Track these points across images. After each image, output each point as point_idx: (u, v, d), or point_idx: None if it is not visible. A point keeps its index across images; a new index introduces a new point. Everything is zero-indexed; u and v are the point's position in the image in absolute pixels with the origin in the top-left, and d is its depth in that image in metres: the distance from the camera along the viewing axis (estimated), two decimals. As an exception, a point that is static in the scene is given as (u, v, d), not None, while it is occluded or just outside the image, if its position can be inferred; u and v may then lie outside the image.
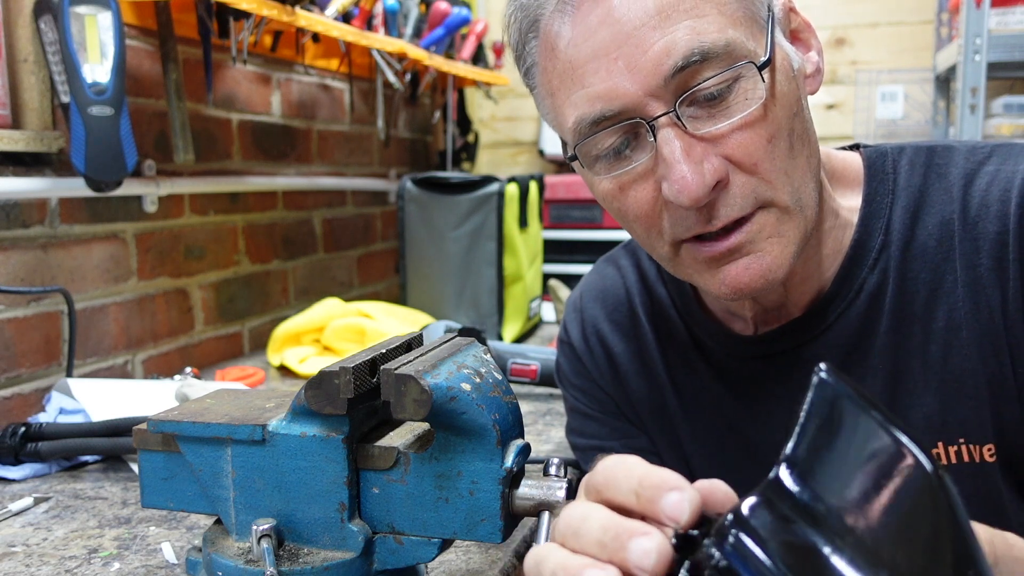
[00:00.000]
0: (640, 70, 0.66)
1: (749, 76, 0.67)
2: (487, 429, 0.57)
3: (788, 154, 0.69)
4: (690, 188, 0.66)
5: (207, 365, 1.68)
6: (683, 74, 0.66)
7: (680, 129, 0.67)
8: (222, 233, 1.76)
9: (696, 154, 0.66)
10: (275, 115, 1.94)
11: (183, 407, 0.67)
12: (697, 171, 0.66)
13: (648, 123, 0.67)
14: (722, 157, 0.67)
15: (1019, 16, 2.21)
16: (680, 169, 0.66)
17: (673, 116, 0.66)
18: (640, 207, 0.71)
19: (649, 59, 0.66)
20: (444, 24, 2.10)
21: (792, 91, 0.70)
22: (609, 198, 0.74)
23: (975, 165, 0.76)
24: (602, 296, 0.95)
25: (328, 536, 0.60)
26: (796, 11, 0.75)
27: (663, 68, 0.65)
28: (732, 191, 0.68)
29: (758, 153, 0.67)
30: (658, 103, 0.67)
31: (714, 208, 0.68)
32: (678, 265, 0.74)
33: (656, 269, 0.91)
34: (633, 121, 0.68)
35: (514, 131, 3.08)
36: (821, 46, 0.76)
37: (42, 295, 1.31)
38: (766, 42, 0.68)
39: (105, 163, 1.26)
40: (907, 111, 2.69)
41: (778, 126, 0.68)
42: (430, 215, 1.87)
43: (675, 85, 0.66)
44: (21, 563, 0.82)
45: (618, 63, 0.67)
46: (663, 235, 0.72)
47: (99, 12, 1.24)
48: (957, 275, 0.74)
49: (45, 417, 1.18)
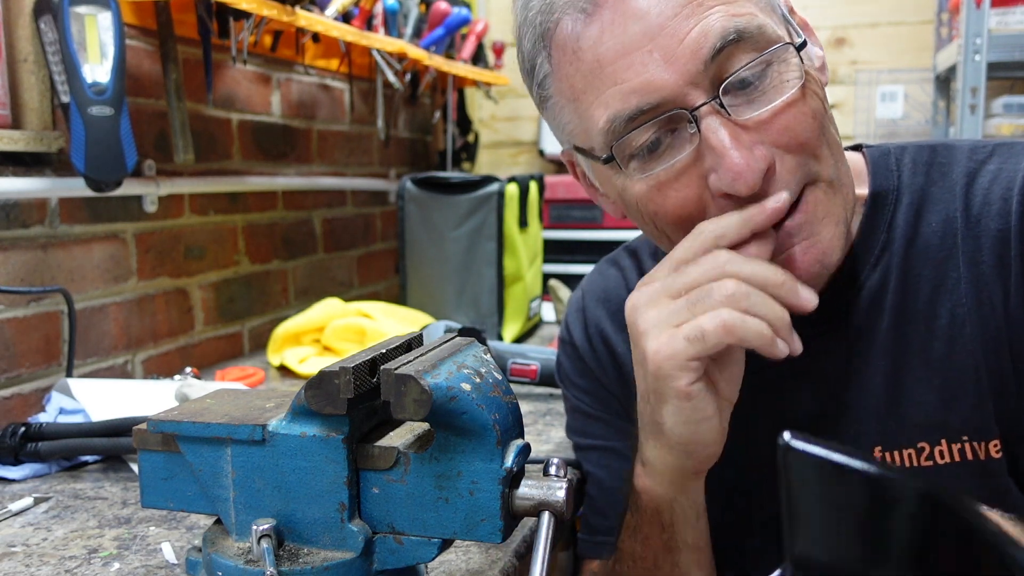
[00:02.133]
0: (678, 59, 0.65)
1: (782, 60, 0.67)
2: (487, 429, 0.57)
3: (830, 130, 0.70)
4: (745, 174, 0.65)
5: (207, 365, 1.68)
6: (721, 57, 0.65)
7: (724, 116, 0.66)
8: (222, 233, 1.76)
9: (744, 140, 0.66)
10: (275, 115, 1.94)
11: (183, 407, 0.67)
12: (749, 156, 0.65)
13: (691, 113, 0.66)
14: (767, 143, 0.67)
15: (1019, 16, 2.21)
16: (733, 155, 0.65)
17: (716, 104, 0.66)
18: (683, 206, 0.70)
19: (687, 46, 0.65)
20: (444, 24, 2.10)
21: (819, 77, 0.71)
22: (644, 201, 0.72)
23: (977, 164, 0.76)
24: (604, 296, 0.94)
25: (328, 536, 0.60)
26: (794, 10, 0.76)
27: (702, 52, 0.65)
28: (781, 174, 0.68)
29: (806, 132, 0.67)
30: (698, 91, 0.66)
31: (765, 196, 0.67)
32: None
33: None
34: (674, 112, 0.67)
35: (514, 131, 3.07)
36: (821, 44, 0.77)
37: (42, 295, 1.31)
38: (789, 30, 0.70)
39: (105, 163, 1.26)
40: (907, 111, 2.69)
41: (818, 104, 0.69)
42: (430, 215, 1.87)
43: (714, 71, 0.66)
44: (21, 563, 0.82)
45: (653, 55, 0.66)
46: None
47: (99, 12, 1.24)
48: (960, 272, 0.74)
49: (45, 417, 1.18)
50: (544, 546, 0.57)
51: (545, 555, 0.57)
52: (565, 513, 0.58)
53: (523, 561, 0.85)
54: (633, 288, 0.93)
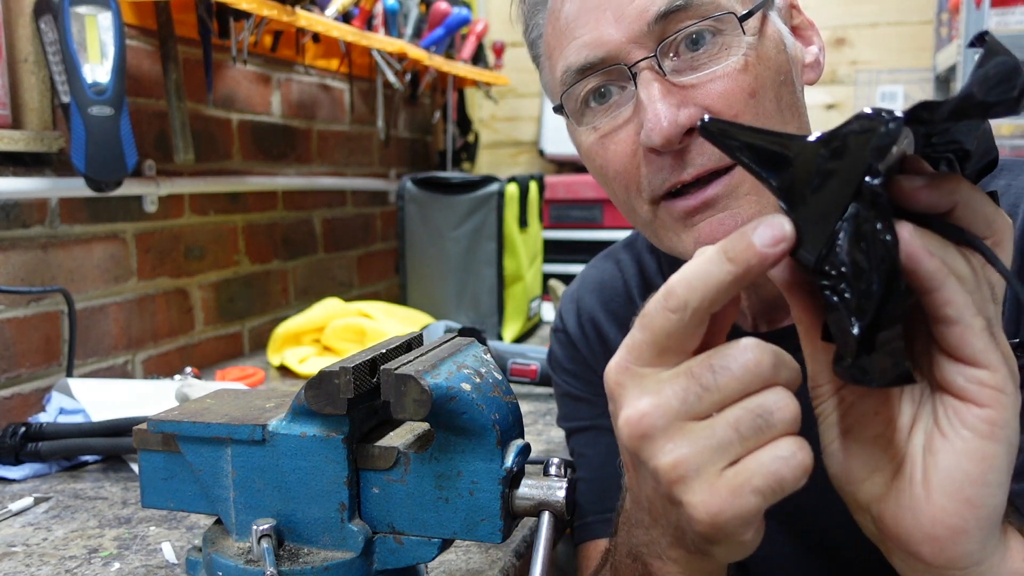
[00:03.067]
0: (625, 18, 0.69)
1: (731, 32, 0.69)
2: (487, 429, 0.57)
3: (776, 115, 0.70)
4: (662, 126, 0.67)
5: (207, 365, 1.68)
6: (666, 21, 0.68)
7: (658, 74, 0.69)
8: (222, 233, 1.76)
9: (673, 99, 0.68)
10: (275, 115, 1.94)
11: (183, 407, 0.67)
12: (671, 112, 0.67)
13: (629, 69, 0.69)
14: (701, 107, 0.68)
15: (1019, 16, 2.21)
16: (655, 107, 0.68)
17: (653, 61, 0.69)
18: (620, 160, 0.72)
19: (635, 7, 0.69)
20: (444, 24, 2.10)
21: (780, 60, 0.72)
22: (592, 154, 0.75)
23: (987, 180, 0.76)
24: (599, 288, 0.96)
25: (328, 536, 0.60)
26: (799, 9, 0.77)
27: (647, 15, 0.68)
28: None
29: (739, 104, 0.68)
30: (640, 50, 0.69)
31: (688, 154, 0.69)
32: (659, 228, 0.74)
33: (657, 263, 0.92)
34: (616, 67, 0.70)
35: (514, 131, 3.07)
36: (824, 45, 0.78)
37: (42, 295, 1.31)
38: (754, 6, 0.70)
39: (105, 163, 1.26)
40: (907, 111, 2.68)
41: (763, 84, 0.69)
42: (430, 215, 1.87)
43: (657, 32, 0.69)
44: (21, 563, 0.82)
45: (606, 13, 0.70)
46: (642, 193, 0.73)
47: (99, 12, 1.24)
48: None
49: (45, 417, 1.18)
50: (544, 546, 0.57)
51: (545, 555, 0.57)
52: (565, 513, 0.58)
53: (523, 561, 0.85)
54: (630, 280, 0.94)
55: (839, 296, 0.40)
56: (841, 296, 0.40)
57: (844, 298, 0.40)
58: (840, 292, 0.40)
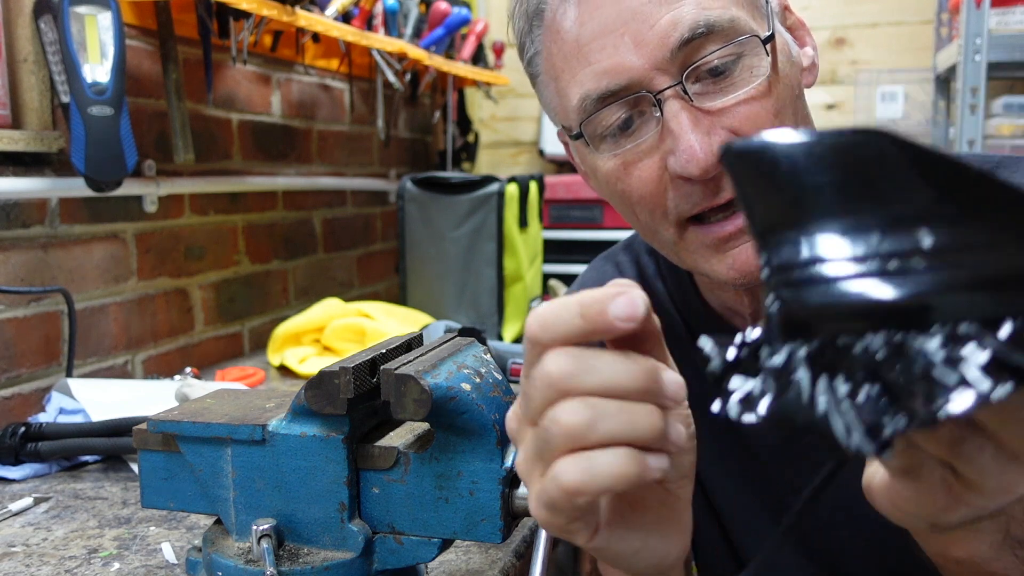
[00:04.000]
0: (647, 44, 0.67)
1: (753, 53, 0.68)
2: (487, 429, 0.57)
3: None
4: (698, 157, 0.66)
5: (207, 365, 1.68)
6: (689, 47, 0.66)
7: (686, 102, 0.67)
8: (222, 233, 1.76)
9: (703, 125, 0.67)
10: (275, 115, 1.94)
11: (183, 407, 0.67)
12: (705, 140, 0.66)
13: (654, 96, 0.68)
14: (729, 131, 0.68)
15: (1019, 16, 2.21)
16: (688, 139, 0.66)
17: (679, 89, 0.67)
18: (644, 185, 0.71)
19: (656, 33, 0.67)
20: (444, 24, 2.10)
21: (793, 74, 0.71)
22: (612, 179, 0.73)
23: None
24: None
25: (328, 536, 0.60)
26: (791, 10, 0.76)
27: (669, 41, 0.66)
28: None
29: (766, 126, 0.68)
30: (664, 76, 0.67)
31: (720, 182, 0.68)
32: (683, 250, 0.74)
33: (655, 265, 0.91)
34: (639, 95, 0.68)
35: (514, 131, 3.07)
36: (816, 44, 0.78)
37: (42, 295, 1.31)
38: (768, 24, 0.70)
39: (105, 163, 1.26)
40: (907, 111, 2.68)
41: (783, 103, 0.69)
42: (430, 215, 1.87)
43: (681, 59, 0.67)
44: (21, 563, 0.82)
45: (624, 38, 0.67)
46: (668, 216, 0.72)
47: (99, 12, 1.24)
48: None
49: (45, 417, 1.18)
50: (544, 546, 0.57)
51: (545, 555, 0.57)
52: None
53: (523, 561, 0.85)
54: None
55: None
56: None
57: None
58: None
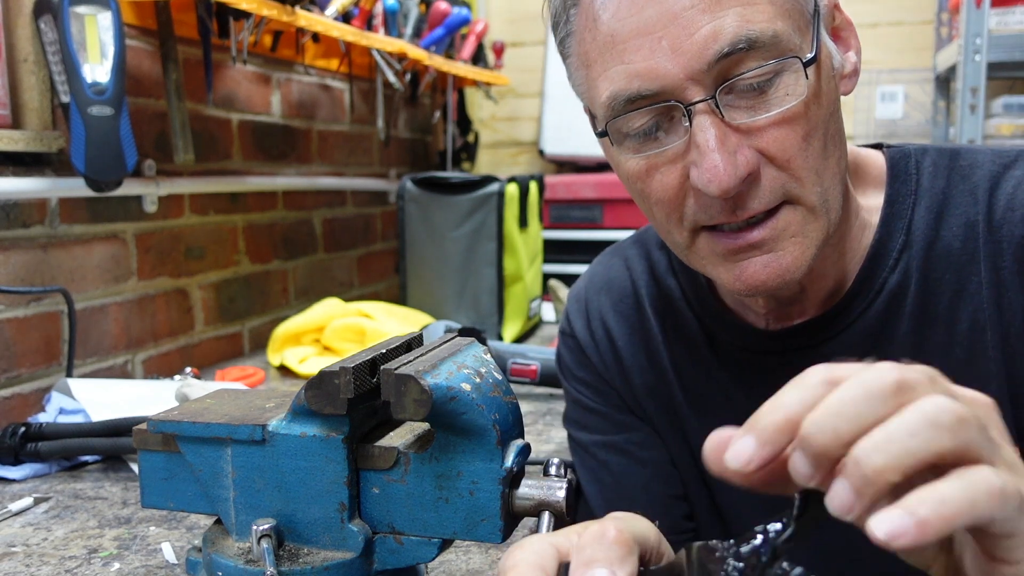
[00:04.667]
0: (684, 52, 0.65)
1: (792, 71, 0.66)
2: (487, 429, 0.57)
3: (822, 154, 0.68)
4: (721, 178, 0.65)
5: (207, 365, 1.68)
6: (727, 61, 0.65)
7: (717, 117, 0.66)
8: (222, 233, 1.76)
9: (731, 144, 0.66)
10: (275, 115, 1.94)
11: (183, 407, 0.67)
12: (730, 161, 0.65)
13: (685, 107, 0.66)
14: (756, 150, 0.66)
15: (1019, 16, 2.21)
16: (713, 158, 0.65)
17: (712, 103, 0.66)
18: (665, 191, 0.70)
19: (695, 42, 0.65)
20: (444, 24, 2.10)
21: (832, 90, 0.70)
22: (634, 178, 0.73)
23: (1001, 168, 0.75)
24: (607, 286, 0.94)
25: (328, 536, 0.60)
26: (840, 8, 0.74)
27: (708, 53, 0.64)
28: (762, 184, 0.67)
29: (793, 150, 0.67)
30: (698, 88, 0.66)
31: (741, 200, 0.68)
32: (693, 255, 0.74)
33: (667, 260, 0.90)
34: (670, 104, 0.67)
35: (514, 131, 3.07)
36: (860, 45, 0.75)
37: (42, 295, 1.31)
38: (812, 38, 0.68)
39: (105, 163, 1.26)
40: (907, 111, 2.68)
41: (815, 125, 0.68)
42: (430, 215, 1.87)
43: (717, 71, 0.65)
44: (21, 563, 0.82)
45: (662, 43, 0.66)
46: (683, 222, 0.71)
47: (99, 12, 1.24)
48: (981, 277, 0.73)
49: (45, 417, 1.18)
50: (544, 546, 0.57)
51: (545, 555, 0.57)
52: (565, 513, 0.58)
53: None
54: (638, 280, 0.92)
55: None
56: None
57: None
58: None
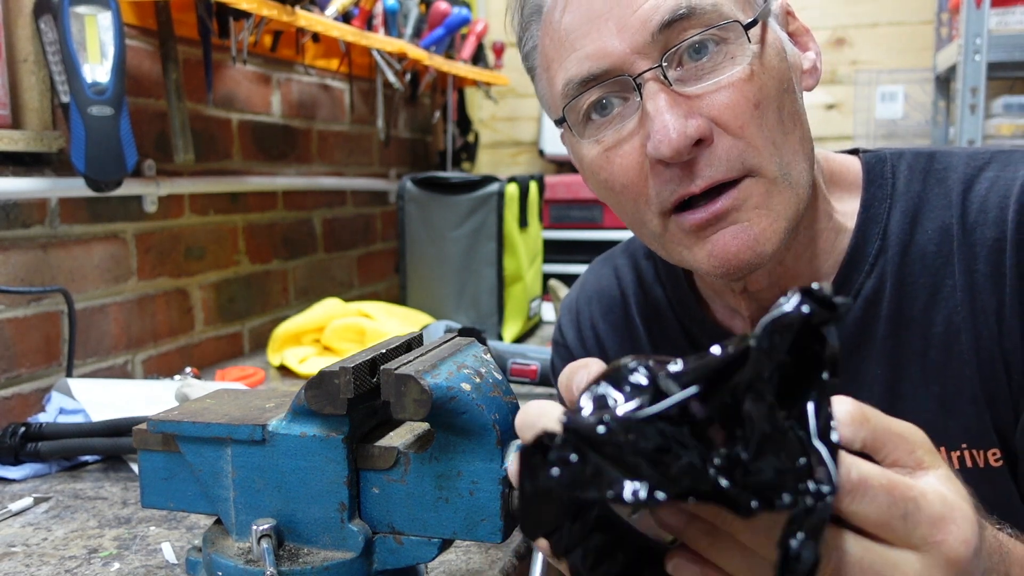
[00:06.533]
0: (628, 28, 0.68)
1: (736, 41, 0.68)
2: (487, 429, 0.57)
3: (778, 127, 0.70)
4: (671, 137, 0.66)
5: (207, 365, 1.68)
6: (670, 30, 0.67)
7: (664, 85, 0.68)
8: (222, 233, 1.76)
9: (681, 108, 0.67)
10: (275, 115, 1.94)
11: (183, 407, 0.67)
12: (680, 123, 0.66)
13: (634, 80, 0.68)
14: (707, 118, 0.68)
15: (1019, 16, 2.21)
16: (662, 119, 0.67)
17: (658, 72, 0.68)
18: (626, 173, 0.71)
19: (638, 16, 0.68)
20: (444, 24, 2.10)
21: (782, 69, 0.71)
22: (596, 168, 0.74)
23: (974, 171, 0.76)
24: (598, 296, 0.95)
25: (328, 536, 0.60)
26: (794, 15, 0.76)
27: (651, 24, 0.67)
28: (717, 151, 0.68)
29: (744, 116, 0.68)
30: (645, 60, 0.68)
31: (697, 166, 0.68)
32: (668, 242, 0.74)
33: (654, 270, 0.91)
34: (620, 78, 0.69)
35: (514, 131, 3.07)
36: (820, 50, 0.78)
37: (42, 295, 1.31)
38: (756, 14, 0.70)
39: (105, 163, 1.26)
40: (907, 111, 2.68)
41: (766, 94, 0.69)
42: (430, 215, 1.87)
43: (662, 42, 0.68)
44: (21, 563, 0.82)
45: (608, 24, 0.69)
46: (651, 206, 0.72)
47: (99, 12, 1.24)
48: (956, 280, 0.73)
49: (45, 417, 1.18)
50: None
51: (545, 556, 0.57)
52: (565, 513, 0.58)
53: (523, 561, 0.85)
54: (627, 289, 0.93)
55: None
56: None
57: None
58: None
